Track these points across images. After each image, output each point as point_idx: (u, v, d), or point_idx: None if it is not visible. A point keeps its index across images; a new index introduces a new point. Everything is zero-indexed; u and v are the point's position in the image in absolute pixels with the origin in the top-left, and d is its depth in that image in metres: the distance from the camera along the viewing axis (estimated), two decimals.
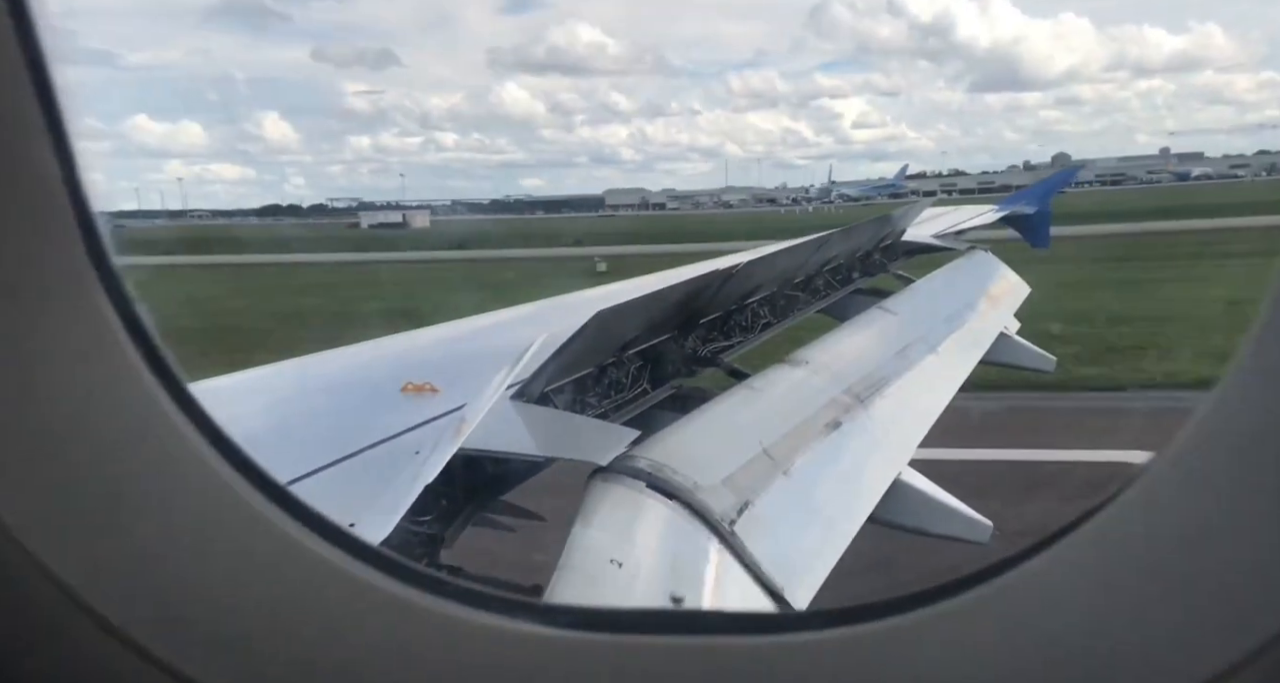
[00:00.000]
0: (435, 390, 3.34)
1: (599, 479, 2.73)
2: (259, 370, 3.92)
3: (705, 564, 2.59)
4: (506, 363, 3.08)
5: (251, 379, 3.79)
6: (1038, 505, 8.51)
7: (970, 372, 5.86)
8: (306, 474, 2.53)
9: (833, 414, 4.02)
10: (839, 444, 3.81)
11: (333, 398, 3.63)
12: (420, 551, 2.68)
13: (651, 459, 2.88)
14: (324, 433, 2.99)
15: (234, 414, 3.36)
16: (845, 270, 7.53)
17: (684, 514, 2.73)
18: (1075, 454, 11.49)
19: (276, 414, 3.39)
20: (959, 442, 8.35)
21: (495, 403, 2.82)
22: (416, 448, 2.71)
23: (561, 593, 2.14)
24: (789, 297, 6.24)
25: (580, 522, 2.48)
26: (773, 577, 2.68)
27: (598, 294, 6.01)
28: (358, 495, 2.37)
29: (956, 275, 8.42)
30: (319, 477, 2.54)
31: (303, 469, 2.54)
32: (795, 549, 2.97)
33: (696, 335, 4.62)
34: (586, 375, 3.65)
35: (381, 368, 4.08)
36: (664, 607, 2.23)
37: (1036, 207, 13.02)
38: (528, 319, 5.48)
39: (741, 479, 3.06)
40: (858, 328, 5.74)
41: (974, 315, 6.98)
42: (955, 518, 4.09)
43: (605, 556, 2.37)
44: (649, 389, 4.04)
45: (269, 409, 3.46)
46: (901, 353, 5.29)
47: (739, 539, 2.73)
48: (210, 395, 3.75)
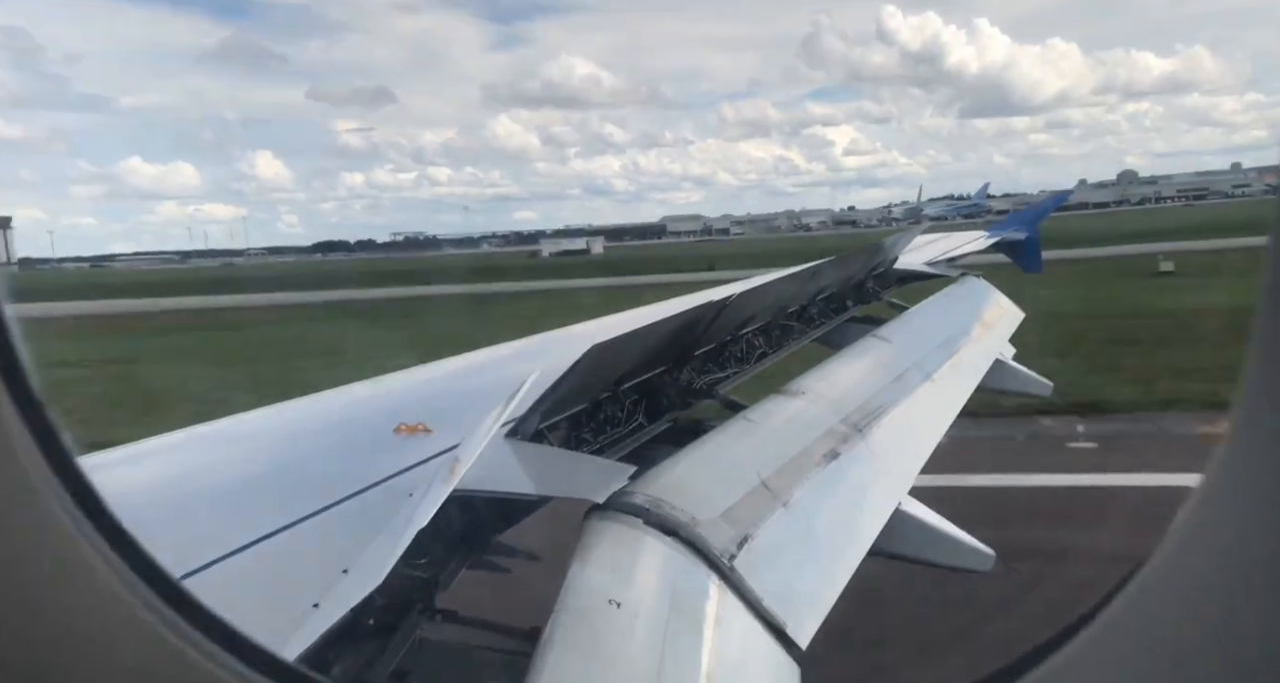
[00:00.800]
0: (429, 431, 3.32)
1: (596, 517, 2.69)
2: (254, 414, 3.89)
3: (705, 601, 2.54)
4: (500, 400, 3.06)
5: (246, 423, 3.76)
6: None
7: (968, 398, 5.85)
8: (301, 519, 2.50)
9: (830, 444, 3.99)
10: (838, 475, 3.77)
11: (326, 440, 3.60)
12: (415, 594, 2.63)
13: (649, 495, 2.85)
14: (317, 477, 2.96)
15: (227, 458, 3.34)
16: (839, 299, 7.56)
17: (683, 550, 2.69)
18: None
19: (270, 458, 3.36)
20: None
21: (489, 442, 2.80)
22: (410, 490, 2.68)
23: (559, 635, 2.10)
24: (783, 326, 6.25)
25: (577, 561, 2.44)
26: (775, 612, 2.63)
27: (590, 328, 6.01)
28: (351, 540, 2.34)
29: (950, 302, 8.45)
30: (313, 521, 2.51)
31: (297, 514, 2.51)
32: (797, 583, 2.92)
33: (691, 367, 4.61)
34: (581, 411, 3.62)
35: (375, 409, 4.05)
36: None
37: (1027, 232, 13.13)
38: (521, 355, 5.47)
39: (740, 513, 3.02)
40: (853, 357, 5.73)
41: (969, 341, 6.98)
42: (958, 548, 4.05)
43: (603, 595, 2.33)
44: (644, 423, 4.02)
45: (260, 453, 3.43)
46: (898, 381, 5.27)
47: (739, 574, 2.69)
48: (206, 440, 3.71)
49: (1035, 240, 13.00)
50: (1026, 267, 13.07)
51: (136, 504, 2.79)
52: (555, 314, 9.72)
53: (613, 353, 3.46)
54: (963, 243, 11.94)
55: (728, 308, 4.59)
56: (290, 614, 1.94)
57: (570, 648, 2.09)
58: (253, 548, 2.30)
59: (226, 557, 2.24)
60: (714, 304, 4.41)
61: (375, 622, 2.38)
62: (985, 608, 6.81)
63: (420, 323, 34.60)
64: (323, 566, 2.18)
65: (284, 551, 2.32)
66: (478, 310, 40.37)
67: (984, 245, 12.14)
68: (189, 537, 2.44)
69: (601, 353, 3.20)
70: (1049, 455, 13.53)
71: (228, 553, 2.25)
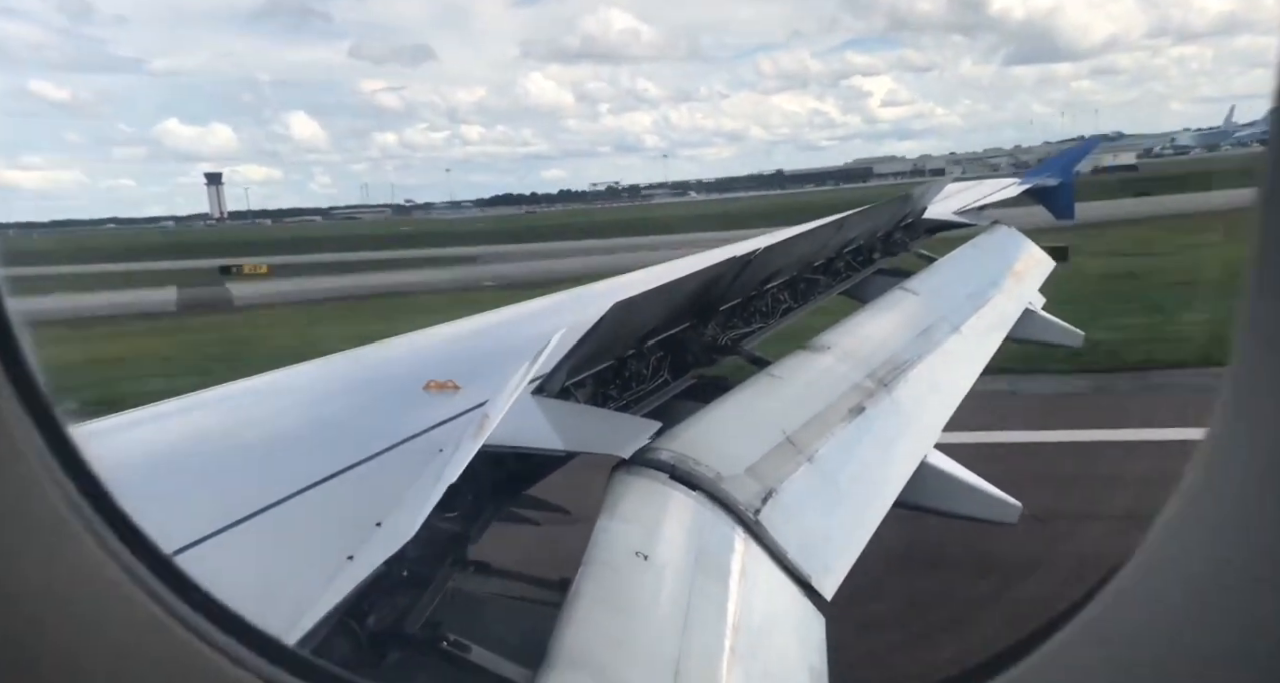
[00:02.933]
0: (457, 387, 3.36)
1: (622, 472, 2.74)
2: (286, 370, 3.96)
3: (731, 554, 2.59)
4: (527, 358, 3.09)
5: (276, 380, 3.84)
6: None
7: (995, 350, 5.80)
8: (334, 474, 2.56)
9: (856, 399, 3.99)
10: (863, 429, 3.78)
11: (357, 397, 3.66)
12: (447, 546, 2.70)
13: (674, 450, 2.88)
14: (350, 432, 3.02)
15: (262, 414, 3.42)
16: (866, 252, 7.47)
17: (708, 505, 2.72)
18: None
19: (302, 414, 3.43)
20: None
21: (517, 398, 2.84)
22: (441, 445, 2.73)
23: (587, 587, 2.16)
24: (809, 280, 6.20)
25: (604, 515, 2.49)
26: (800, 565, 2.67)
27: (615, 285, 6.00)
28: (384, 494, 2.40)
29: (979, 252, 8.32)
30: (347, 475, 2.57)
31: (330, 468, 2.57)
32: (822, 537, 2.96)
33: (716, 323, 4.60)
34: (607, 368, 3.65)
35: (404, 365, 4.10)
36: None
37: (1060, 178, 12.82)
38: (547, 312, 5.49)
39: (765, 468, 3.05)
40: (879, 310, 5.69)
41: (998, 292, 6.89)
42: (984, 499, 4.06)
43: (630, 548, 2.38)
44: (669, 379, 4.04)
45: (294, 409, 3.50)
46: (924, 334, 5.24)
47: (764, 528, 2.72)
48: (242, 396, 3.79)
49: (1069, 186, 12.70)
50: (1059, 213, 12.80)
51: (174, 460, 2.88)
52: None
53: (637, 310, 3.46)
54: (993, 191, 11.70)
55: (752, 263, 4.56)
56: (325, 566, 2.01)
57: (598, 600, 2.14)
58: (289, 501, 2.37)
59: (265, 510, 2.30)
60: (738, 260, 4.38)
61: (408, 573, 2.45)
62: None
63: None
64: (357, 519, 2.24)
65: (319, 504, 2.39)
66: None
67: (1015, 193, 11.88)
68: (225, 490, 2.52)
69: (626, 310, 3.21)
70: None
71: (264, 506, 2.32)
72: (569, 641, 1.96)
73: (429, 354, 4.39)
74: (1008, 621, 5.78)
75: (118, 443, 2.92)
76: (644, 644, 2.11)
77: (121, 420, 3.20)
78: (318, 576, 1.96)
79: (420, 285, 39.02)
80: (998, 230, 9.14)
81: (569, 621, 2.02)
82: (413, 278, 43.34)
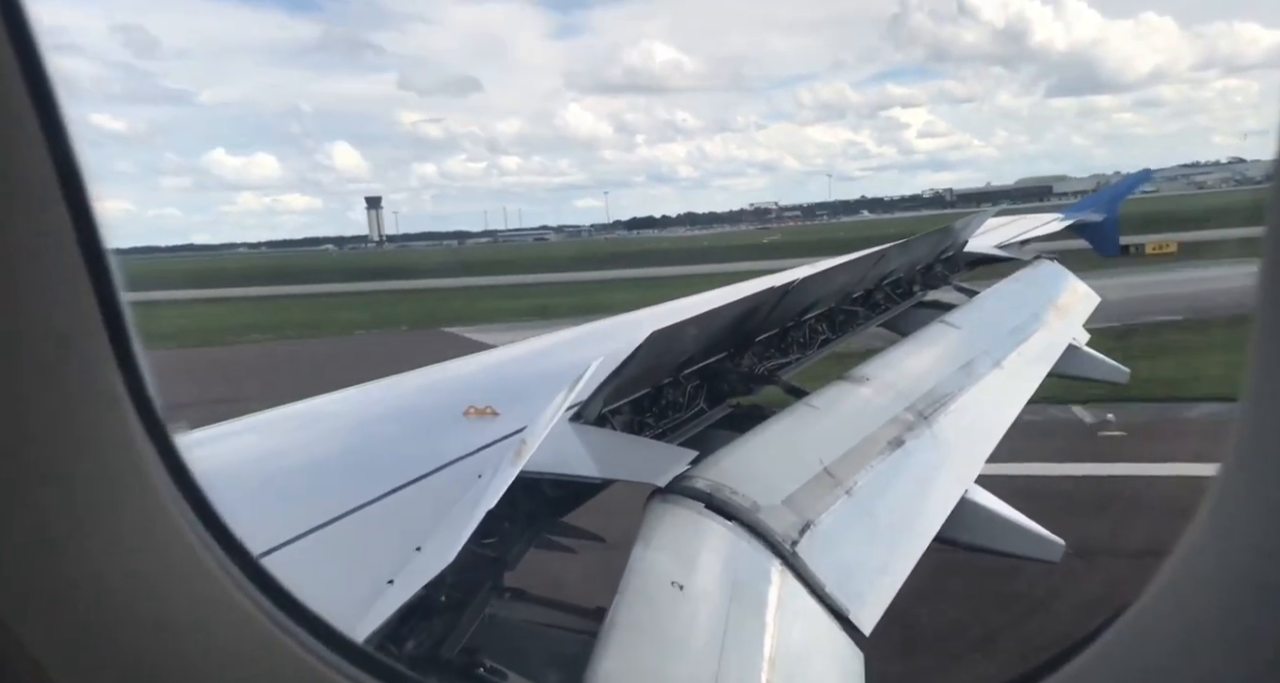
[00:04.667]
0: (496, 414, 3.39)
1: (658, 500, 2.73)
2: (327, 397, 4.03)
3: (767, 586, 2.56)
4: (565, 385, 3.12)
5: (320, 406, 3.91)
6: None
7: (1038, 385, 5.70)
8: (375, 499, 2.59)
9: (895, 432, 3.95)
10: (903, 463, 3.73)
11: (400, 423, 3.71)
12: (484, 572, 2.71)
13: (710, 479, 2.87)
14: (392, 458, 3.06)
15: (305, 440, 3.48)
16: (906, 283, 7.42)
17: (744, 535, 2.70)
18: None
19: (344, 440, 3.48)
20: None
21: (555, 426, 2.86)
22: (479, 472, 2.76)
23: (623, 616, 2.15)
24: (847, 312, 6.17)
25: (640, 544, 2.48)
26: (837, 599, 2.63)
27: (652, 314, 6.03)
28: (424, 520, 2.42)
29: (1022, 286, 8.21)
30: (388, 501, 2.60)
31: (372, 494, 2.61)
32: (860, 570, 2.92)
33: (753, 353, 4.60)
34: (644, 396, 3.66)
35: (445, 393, 4.16)
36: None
37: (1105, 213, 12.65)
38: (585, 340, 5.53)
39: (802, 499, 3.03)
40: (920, 343, 5.63)
41: (1041, 327, 6.79)
42: (1025, 537, 3.97)
43: (666, 578, 2.37)
44: (706, 408, 4.03)
45: (336, 434, 3.56)
46: (966, 368, 5.17)
47: (801, 560, 2.69)
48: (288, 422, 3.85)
49: (1114, 222, 12.53)
50: (1103, 250, 12.61)
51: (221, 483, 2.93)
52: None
53: (674, 338, 3.48)
54: (1036, 225, 11.57)
55: (790, 293, 4.56)
56: (366, 590, 2.03)
57: (634, 629, 2.13)
58: (332, 525, 2.40)
59: (307, 534, 2.34)
60: (776, 290, 4.38)
61: (446, 598, 2.46)
62: None
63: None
64: (397, 543, 2.27)
65: (361, 528, 2.42)
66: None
67: (1059, 228, 11.75)
68: (272, 514, 2.56)
69: (663, 338, 3.23)
70: None
71: (308, 530, 2.35)
72: (605, 670, 1.95)
73: (469, 381, 4.45)
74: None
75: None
76: (680, 675, 2.10)
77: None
78: (359, 599, 1.98)
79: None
80: (1041, 264, 9.03)
81: (605, 650, 2.01)
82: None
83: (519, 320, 34.11)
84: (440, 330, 33.88)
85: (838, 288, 5.86)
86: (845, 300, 6.14)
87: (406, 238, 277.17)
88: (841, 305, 6.06)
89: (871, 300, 6.75)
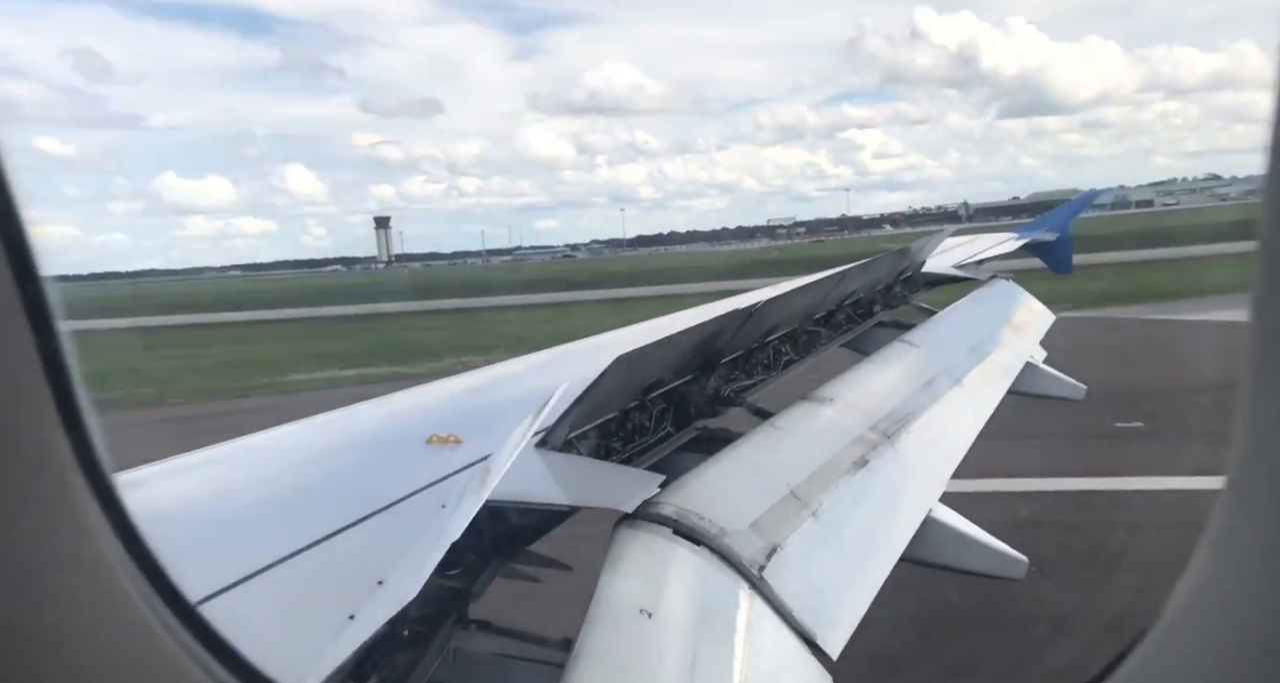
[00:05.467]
0: (460, 442, 3.35)
1: (625, 527, 2.71)
2: (288, 427, 3.95)
3: (736, 611, 2.55)
4: (530, 411, 3.09)
5: (278, 437, 3.83)
6: None
7: (997, 403, 5.79)
8: (335, 532, 2.54)
9: (860, 452, 3.98)
10: (867, 482, 3.76)
11: (360, 453, 3.65)
12: (449, 605, 2.67)
13: (677, 505, 2.86)
14: (352, 489, 3.00)
15: (262, 473, 3.40)
16: (866, 304, 7.52)
17: (712, 560, 2.70)
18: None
19: (302, 472, 3.41)
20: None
21: (520, 452, 2.83)
22: (443, 501, 2.71)
23: (590, 645, 2.12)
24: (810, 332, 6.23)
25: (607, 571, 2.46)
26: (805, 623, 2.63)
27: (617, 338, 6.03)
28: (386, 552, 2.38)
29: (979, 305, 8.37)
30: (348, 533, 2.55)
31: (331, 526, 2.55)
32: (828, 593, 2.92)
33: (719, 375, 4.61)
34: (610, 420, 3.65)
35: (407, 421, 4.10)
36: None
37: (1058, 233, 12.97)
38: (550, 365, 5.50)
39: (769, 522, 3.03)
40: (881, 362, 5.70)
41: (998, 345, 6.91)
42: (990, 554, 4.01)
43: (634, 605, 2.35)
44: (673, 432, 4.03)
45: (294, 467, 3.48)
46: (927, 386, 5.24)
47: (769, 585, 2.69)
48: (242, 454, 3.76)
49: (1066, 241, 12.84)
50: (1057, 268, 12.91)
51: (175, 519, 2.85)
52: None
53: (640, 363, 3.47)
54: (991, 245, 11.82)
55: (754, 316, 4.59)
56: (326, 626, 1.98)
57: (602, 658, 2.10)
58: (290, 560, 2.34)
59: (263, 570, 2.28)
60: (740, 312, 4.41)
61: (410, 633, 2.41)
62: None
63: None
64: (359, 578, 2.22)
65: (320, 563, 2.36)
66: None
67: (1013, 247, 12.00)
68: (226, 550, 2.49)
69: (628, 363, 3.22)
70: None
71: (264, 566, 2.29)
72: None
73: (432, 409, 4.39)
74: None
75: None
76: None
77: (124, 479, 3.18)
78: (319, 636, 1.93)
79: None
80: (997, 283, 9.21)
81: (572, 680, 1.98)
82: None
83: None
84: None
85: (800, 309, 5.92)
86: (808, 321, 6.20)
87: (410, 257, 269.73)
88: (804, 326, 6.12)
89: (833, 321, 6.82)
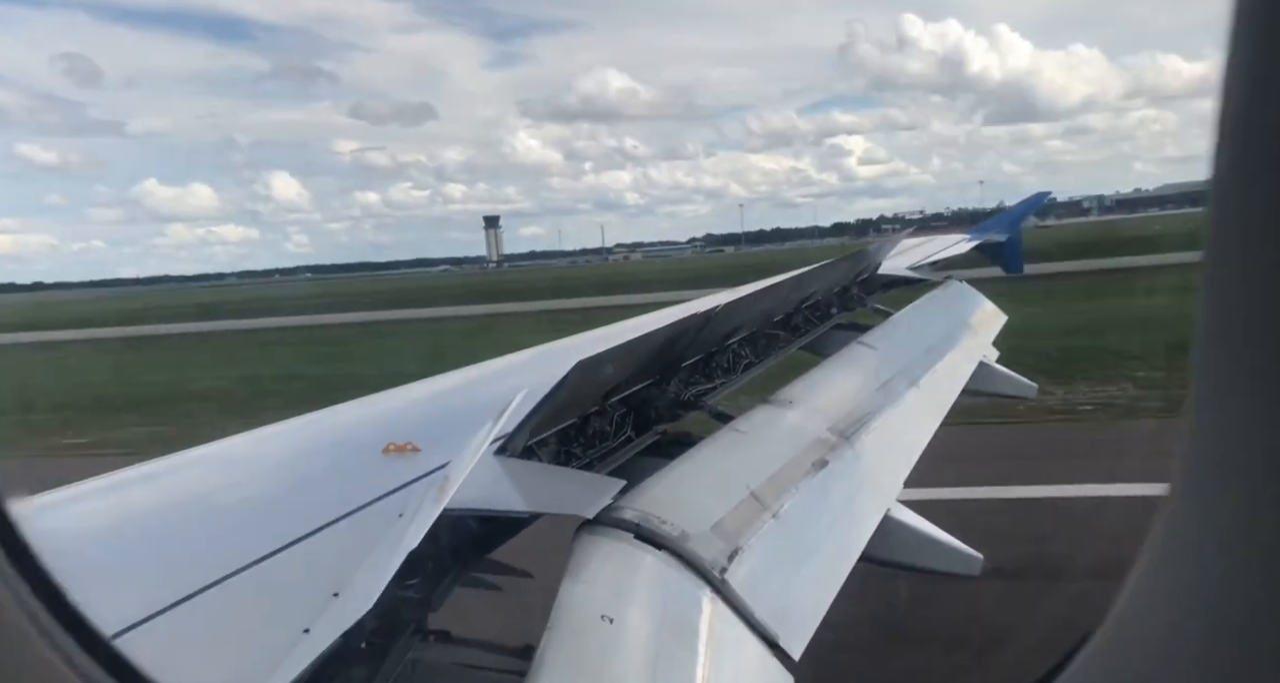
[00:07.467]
0: (417, 450, 3.31)
1: (586, 532, 2.70)
2: (241, 437, 3.87)
3: (698, 615, 2.55)
4: (489, 418, 3.07)
5: (228, 448, 3.75)
6: None
7: (953, 402, 5.89)
8: (289, 544, 2.49)
9: (819, 453, 4.01)
10: (827, 483, 3.79)
11: (315, 462, 3.59)
12: (407, 615, 2.63)
13: (639, 509, 2.85)
14: (306, 499, 2.95)
15: (214, 485, 3.33)
16: (824, 306, 7.60)
17: (674, 564, 2.69)
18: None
19: (255, 484, 3.34)
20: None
21: (479, 460, 2.80)
22: (400, 510, 2.68)
23: (552, 654, 2.11)
24: (769, 335, 6.28)
25: (569, 577, 2.45)
26: (767, 624, 2.64)
27: (577, 342, 6.01)
28: (342, 563, 2.34)
29: (934, 307, 8.51)
30: (303, 545, 2.51)
31: (285, 539, 2.51)
32: (789, 594, 2.94)
33: (679, 379, 4.62)
34: (570, 426, 3.63)
35: (362, 430, 4.04)
36: None
37: (1008, 233, 13.25)
38: (509, 372, 5.47)
39: (730, 525, 3.04)
40: (839, 364, 5.76)
41: (953, 346, 7.03)
42: (946, 552, 4.07)
43: (596, 611, 2.33)
44: (634, 436, 4.02)
45: (247, 479, 3.41)
46: (884, 387, 5.31)
47: (730, 587, 2.70)
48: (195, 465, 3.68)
49: (1017, 241, 13.13)
50: (1009, 268, 13.19)
51: (129, 531, 2.78)
52: None
53: (600, 368, 3.47)
54: (945, 246, 12.03)
55: (713, 319, 4.61)
56: (281, 640, 1.94)
57: (564, 666, 2.09)
58: (242, 573, 2.30)
59: (216, 583, 2.23)
60: (699, 316, 4.43)
61: (367, 645, 2.37)
62: None
63: None
64: (313, 590, 2.18)
65: (273, 576, 2.31)
66: None
67: (965, 249, 12.23)
68: (178, 563, 2.43)
69: (588, 368, 3.21)
70: None
71: (217, 579, 2.24)
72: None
73: (388, 417, 4.34)
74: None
75: (64, 517, 2.81)
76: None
77: (69, 493, 3.09)
78: (273, 651, 1.89)
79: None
80: (951, 285, 9.38)
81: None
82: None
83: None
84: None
85: (759, 312, 5.96)
86: (767, 324, 6.24)
87: (509, 258, 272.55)
88: (764, 329, 6.17)
89: (792, 324, 6.88)
